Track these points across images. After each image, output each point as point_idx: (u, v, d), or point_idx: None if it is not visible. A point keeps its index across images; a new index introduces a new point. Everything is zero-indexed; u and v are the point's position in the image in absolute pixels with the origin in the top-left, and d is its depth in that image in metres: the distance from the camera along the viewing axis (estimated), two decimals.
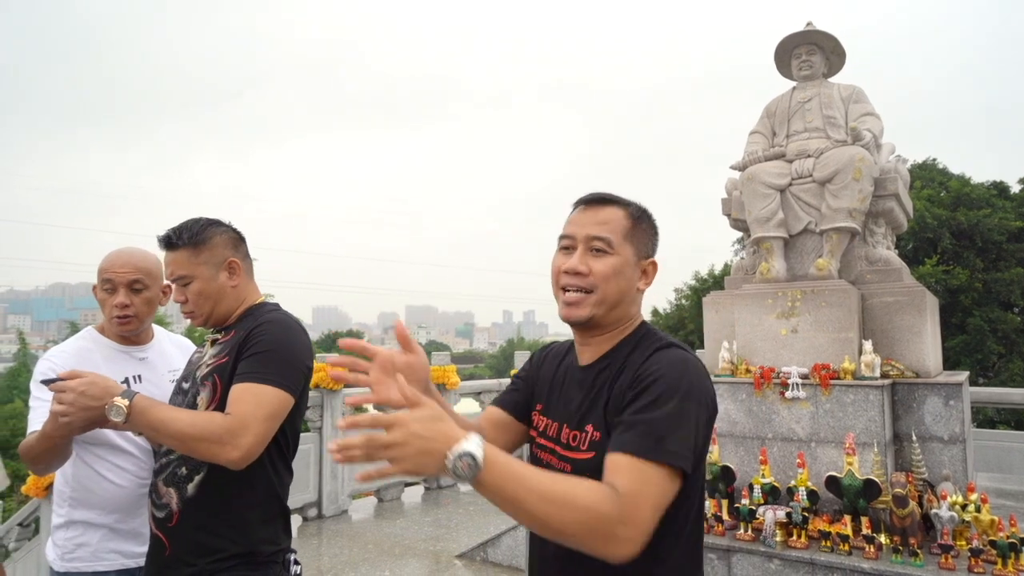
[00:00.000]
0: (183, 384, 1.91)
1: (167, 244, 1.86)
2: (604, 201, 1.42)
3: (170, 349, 2.33)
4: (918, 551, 3.71)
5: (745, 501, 4.23)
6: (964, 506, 3.93)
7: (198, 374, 1.84)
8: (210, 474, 1.72)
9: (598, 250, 1.36)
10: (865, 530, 3.86)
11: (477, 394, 9.06)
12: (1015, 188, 17.70)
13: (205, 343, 1.98)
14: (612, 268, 1.36)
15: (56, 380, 1.63)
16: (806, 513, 4.01)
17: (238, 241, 1.96)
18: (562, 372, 1.51)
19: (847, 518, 3.94)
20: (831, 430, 4.36)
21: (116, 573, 2.04)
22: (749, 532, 4.14)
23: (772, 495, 4.21)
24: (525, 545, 4.48)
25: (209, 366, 1.82)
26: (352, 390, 7.44)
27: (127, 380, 2.10)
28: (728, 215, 5.68)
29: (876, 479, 3.88)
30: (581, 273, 1.36)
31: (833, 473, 4.03)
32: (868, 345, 4.49)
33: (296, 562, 1.90)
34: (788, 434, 4.51)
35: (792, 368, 4.56)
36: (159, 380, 2.18)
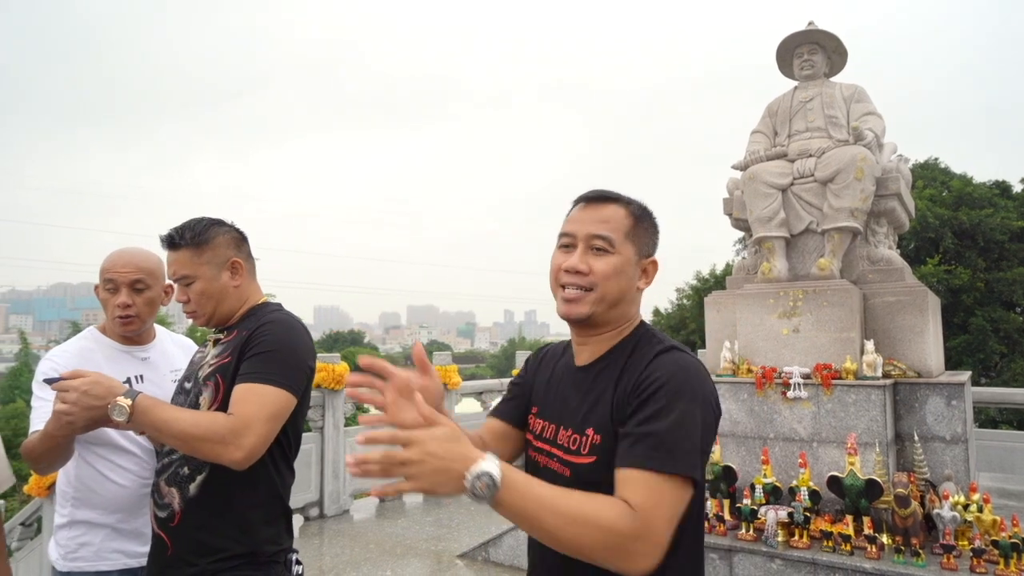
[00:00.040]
0: (185, 384, 1.91)
1: (170, 244, 1.86)
2: (605, 199, 1.40)
3: (172, 349, 2.33)
4: (920, 551, 3.71)
5: (747, 501, 4.23)
6: (966, 506, 3.93)
7: (200, 374, 1.84)
8: (212, 474, 1.73)
9: (599, 249, 1.34)
10: (867, 530, 3.86)
11: (479, 394, 9.07)
12: (1017, 188, 17.68)
13: (207, 343, 1.98)
14: (613, 267, 1.34)
15: (59, 379, 1.63)
16: (808, 513, 4.01)
17: (240, 241, 1.96)
18: (558, 373, 1.50)
19: (849, 518, 3.94)
20: (833, 430, 4.36)
21: (119, 573, 2.05)
22: (751, 532, 4.14)
23: (774, 495, 4.21)
24: (526, 545, 4.49)
25: (212, 366, 1.82)
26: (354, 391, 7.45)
27: (129, 380, 2.11)
28: (730, 215, 5.68)
29: (878, 479, 3.88)
30: (581, 272, 1.34)
31: (835, 473, 4.02)
32: (870, 345, 4.48)
33: (298, 562, 1.90)
34: (790, 434, 4.51)
35: (794, 368, 4.55)
36: (161, 380, 2.18)
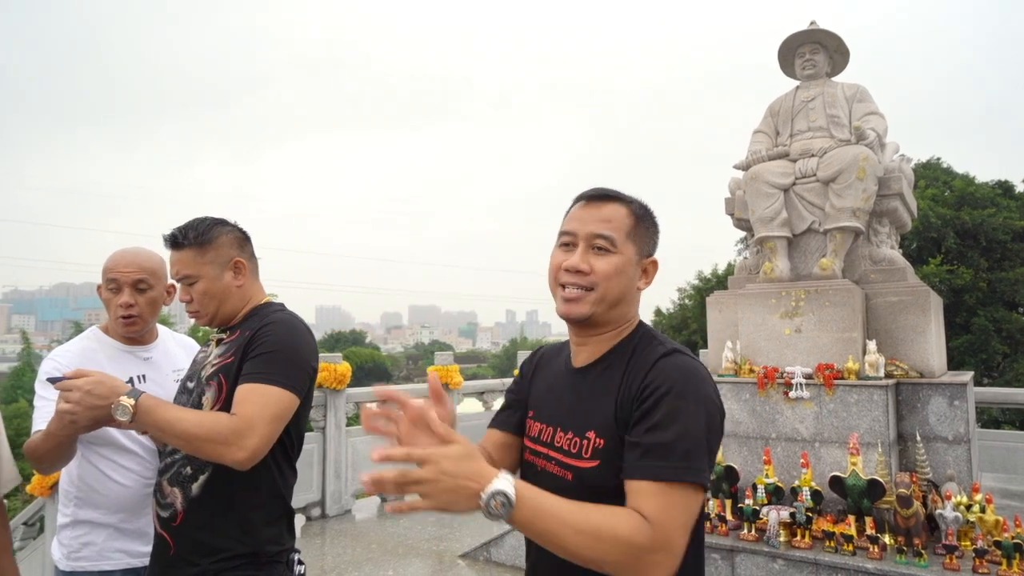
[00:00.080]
0: (188, 384, 1.91)
1: (173, 243, 1.86)
2: (607, 197, 1.38)
3: (174, 349, 2.33)
4: (922, 551, 3.71)
5: (749, 501, 4.22)
6: (969, 506, 3.92)
7: (203, 374, 1.84)
8: (215, 474, 1.73)
9: (600, 248, 1.33)
10: (869, 530, 3.86)
11: (480, 394, 9.07)
12: (1020, 187, 17.65)
13: (209, 342, 1.98)
14: (615, 267, 1.32)
15: (62, 379, 1.63)
16: (810, 513, 4.01)
17: (244, 241, 1.96)
18: (555, 375, 1.48)
19: (851, 518, 3.93)
20: (835, 430, 4.35)
21: (121, 572, 2.05)
22: (753, 532, 4.13)
23: (776, 495, 4.21)
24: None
25: (214, 366, 1.82)
26: (356, 390, 7.45)
27: (131, 380, 2.11)
28: (731, 214, 5.68)
29: (880, 479, 3.88)
30: (583, 271, 1.32)
31: (837, 473, 4.02)
32: (872, 345, 4.48)
33: (300, 562, 1.90)
34: (792, 434, 4.50)
35: (796, 368, 4.55)
36: (163, 380, 2.18)
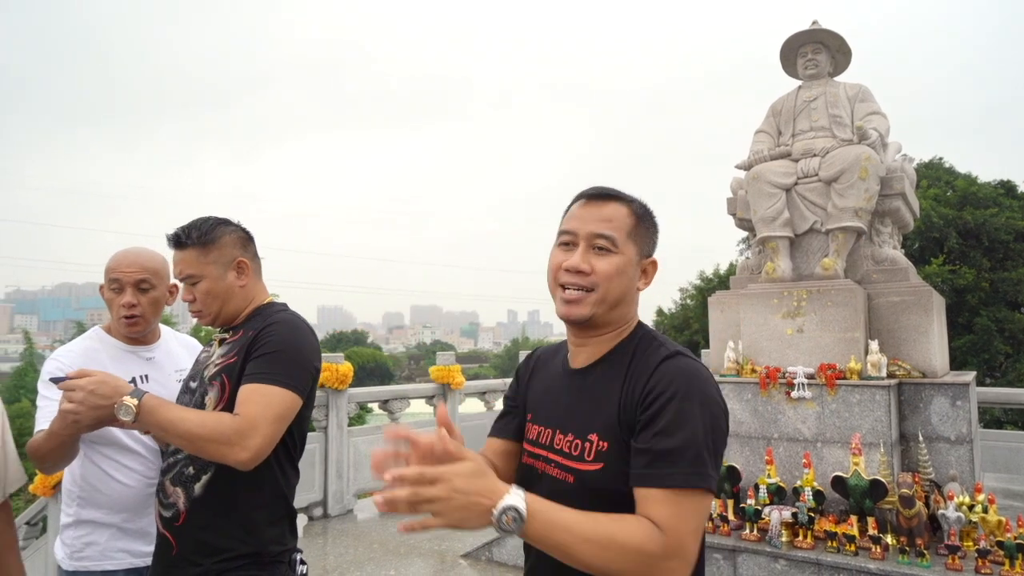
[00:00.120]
0: (191, 383, 1.91)
1: (176, 243, 1.86)
2: (607, 196, 1.36)
3: (177, 349, 2.33)
4: (925, 552, 3.70)
5: (751, 501, 4.22)
6: (971, 507, 3.92)
7: (206, 374, 1.84)
8: (217, 474, 1.73)
9: (601, 248, 1.31)
10: (871, 530, 3.85)
11: (482, 394, 9.07)
12: (1022, 187, 17.61)
13: (212, 342, 1.98)
14: (616, 267, 1.30)
15: (65, 379, 1.63)
16: (812, 513, 4.00)
17: (247, 241, 1.96)
18: (553, 376, 1.46)
19: (853, 518, 3.93)
20: (837, 430, 4.35)
21: (124, 572, 2.05)
22: (755, 532, 4.13)
23: (778, 495, 4.21)
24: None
25: (217, 366, 1.82)
26: (358, 390, 7.46)
27: (134, 380, 2.11)
28: (733, 214, 5.67)
29: (882, 479, 3.87)
30: (583, 272, 1.30)
31: (839, 473, 4.02)
32: (874, 345, 4.47)
33: (302, 562, 1.90)
34: (794, 434, 4.50)
35: (798, 368, 4.55)
36: (166, 380, 2.19)
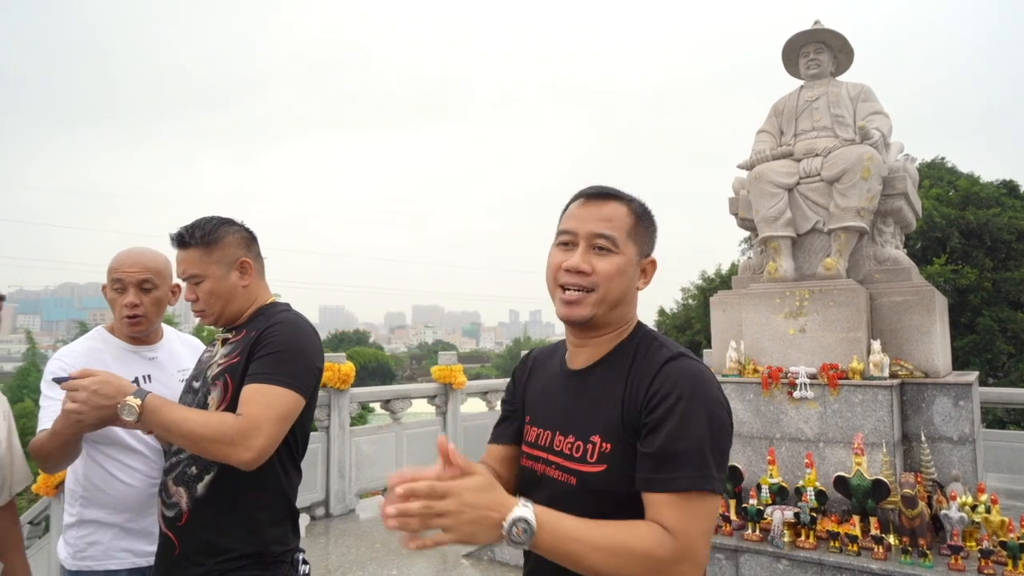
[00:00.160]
0: (193, 383, 1.91)
1: (179, 242, 1.86)
2: (607, 196, 1.34)
3: (180, 349, 2.33)
4: (927, 552, 3.70)
5: (753, 501, 4.22)
6: (974, 507, 3.91)
7: (209, 374, 1.84)
8: (220, 474, 1.73)
9: (601, 248, 1.29)
10: (874, 531, 3.85)
11: (484, 393, 9.07)
12: None
13: (215, 342, 1.98)
14: (616, 268, 1.29)
15: (68, 379, 1.64)
16: (814, 513, 4.00)
17: (250, 240, 1.96)
18: (551, 377, 1.45)
19: (856, 518, 3.93)
20: (839, 430, 4.34)
21: (127, 572, 2.06)
22: (757, 532, 4.13)
23: (780, 495, 4.20)
24: None
25: (220, 366, 1.82)
26: (360, 390, 7.47)
27: (137, 380, 2.11)
28: (735, 214, 5.67)
29: (885, 479, 3.87)
30: (584, 272, 1.28)
31: (842, 473, 4.01)
32: (877, 345, 4.47)
33: (305, 561, 1.90)
34: (796, 434, 4.50)
35: (800, 368, 4.54)
36: (168, 380, 2.19)
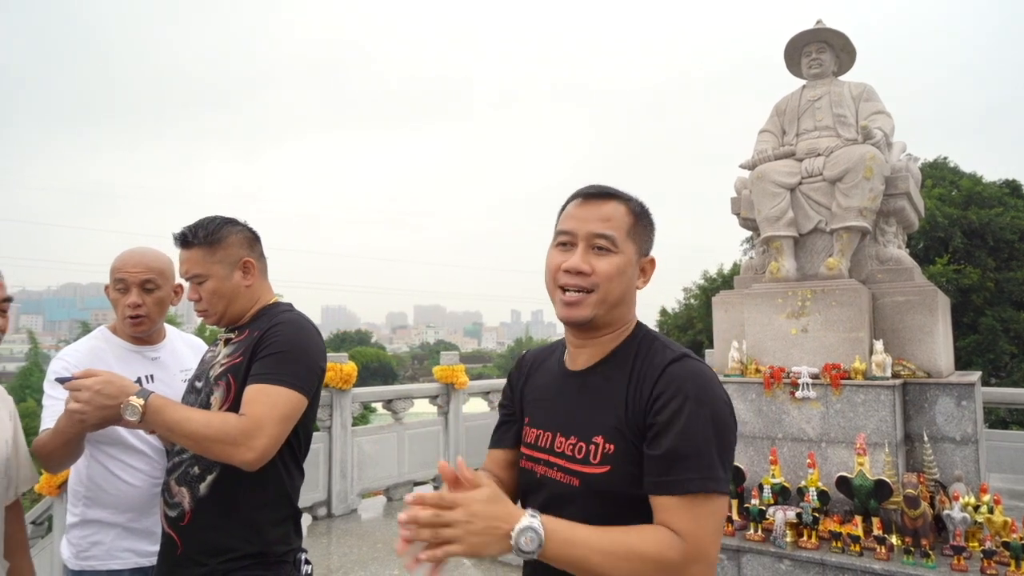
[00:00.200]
0: (196, 383, 1.91)
1: (182, 242, 1.87)
2: (605, 195, 1.33)
3: (182, 348, 2.34)
4: (930, 552, 3.69)
5: (755, 501, 4.21)
6: (977, 507, 3.90)
7: (211, 373, 1.84)
8: (223, 474, 1.73)
9: (601, 248, 1.28)
10: (876, 531, 3.84)
11: (486, 393, 9.07)
12: None
13: (218, 342, 1.98)
14: (616, 267, 1.28)
15: (71, 379, 1.64)
16: (816, 514, 4.00)
17: (253, 240, 1.96)
18: (549, 378, 1.44)
19: (858, 519, 3.92)
20: (842, 430, 4.34)
21: (130, 571, 2.06)
22: (759, 532, 4.12)
23: (782, 495, 4.20)
24: None
25: (223, 366, 1.82)
26: (362, 390, 7.47)
27: (139, 380, 2.12)
28: (738, 214, 5.66)
29: (887, 480, 3.86)
30: (584, 272, 1.27)
31: (844, 473, 4.01)
32: (879, 345, 4.46)
33: (307, 561, 1.90)
34: (798, 434, 4.49)
35: (802, 368, 4.54)
36: (171, 380, 2.19)
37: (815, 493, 4.03)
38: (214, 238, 1.86)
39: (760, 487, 4.26)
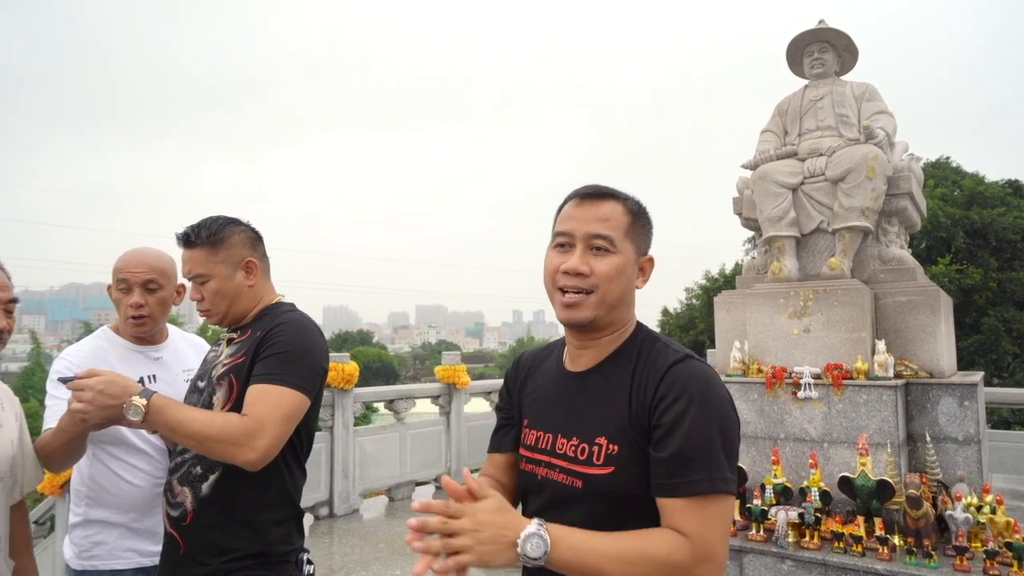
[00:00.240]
0: (199, 383, 1.91)
1: (185, 242, 1.87)
2: (602, 195, 1.32)
3: (184, 348, 2.34)
4: (932, 553, 3.68)
5: (757, 501, 4.21)
6: (979, 507, 3.89)
7: (214, 373, 1.84)
8: (225, 474, 1.73)
9: (599, 248, 1.28)
10: (878, 531, 3.84)
11: (487, 393, 9.07)
12: None
13: (220, 342, 1.98)
14: (615, 268, 1.27)
15: (74, 379, 1.64)
16: (819, 514, 3.99)
17: (256, 240, 1.96)
18: (548, 379, 1.43)
19: (860, 519, 3.92)
20: (844, 430, 4.33)
21: (133, 571, 2.06)
22: (761, 533, 4.12)
23: (784, 496, 4.19)
24: None
25: (225, 366, 1.82)
26: (364, 390, 7.47)
27: (142, 380, 2.12)
28: (739, 214, 5.66)
29: (890, 480, 3.86)
30: (583, 274, 1.27)
31: (846, 474, 4.00)
32: (881, 345, 4.46)
33: (309, 561, 1.90)
34: (800, 434, 4.49)
35: (804, 368, 4.53)
36: (173, 380, 2.19)
37: (817, 493, 4.02)
38: (217, 238, 1.86)
39: (762, 487, 4.25)
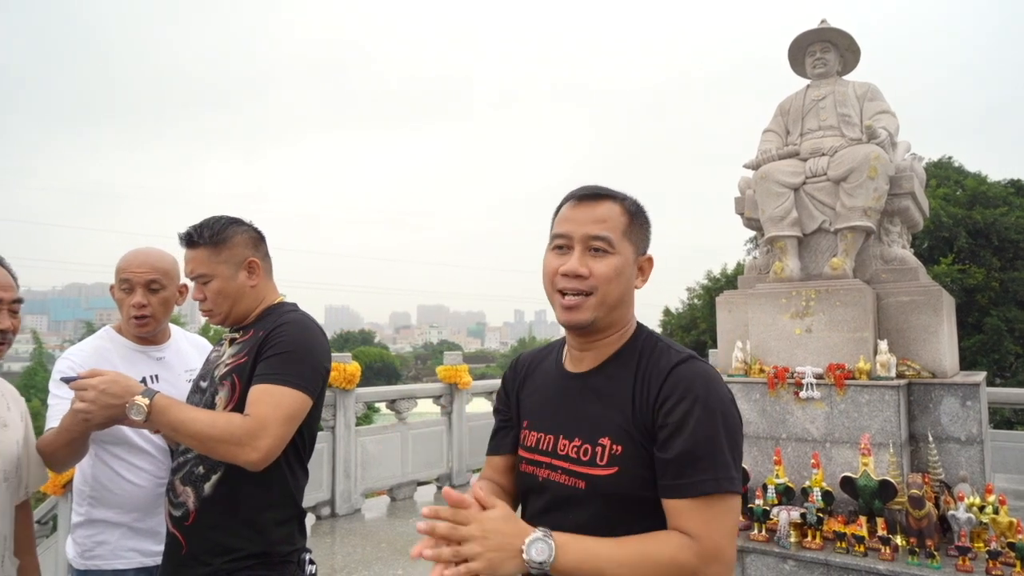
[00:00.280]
0: (201, 383, 1.92)
1: (188, 242, 1.87)
2: (599, 196, 1.31)
3: (187, 348, 2.35)
4: (935, 553, 3.68)
5: (759, 501, 4.21)
6: (982, 508, 3.89)
7: (216, 373, 1.84)
8: (227, 474, 1.73)
9: (597, 250, 1.27)
10: (881, 531, 3.83)
11: (489, 393, 9.06)
12: None
13: (223, 342, 1.98)
14: (614, 269, 1.27)
15: (76, 378, 1.65)
16: (821, 514, 3.99)
17: (258, 240, 1.97)
18: (548, 381, 1.42)
19: (862, 519, 3.91)
20: (846, 430, 4.33)
21: (135, 571, 2.07)
22: (763, 533, 4.12)
23: (786, 496, 4.19)
24: None
25: (228, 366, 1.82)
26: (365, 390, 7.48)
27: (144, 379, 2.12)
28: (741, 214, 5.65)
29: (892, 480, 3.85)
30: (582, 275, 1.26)
31: (848, 474, 4.00)
32: (883, 345, 4.45)
33: (311, 561, 1.90)
34: (802, 434, 4.48)
35: (806, 368, 4.53)
36: (176, 380, 2.20)
37: (819, 493, 4.02)
38: (219, 238, 1.86)
39: (764, 487, 4.25)
